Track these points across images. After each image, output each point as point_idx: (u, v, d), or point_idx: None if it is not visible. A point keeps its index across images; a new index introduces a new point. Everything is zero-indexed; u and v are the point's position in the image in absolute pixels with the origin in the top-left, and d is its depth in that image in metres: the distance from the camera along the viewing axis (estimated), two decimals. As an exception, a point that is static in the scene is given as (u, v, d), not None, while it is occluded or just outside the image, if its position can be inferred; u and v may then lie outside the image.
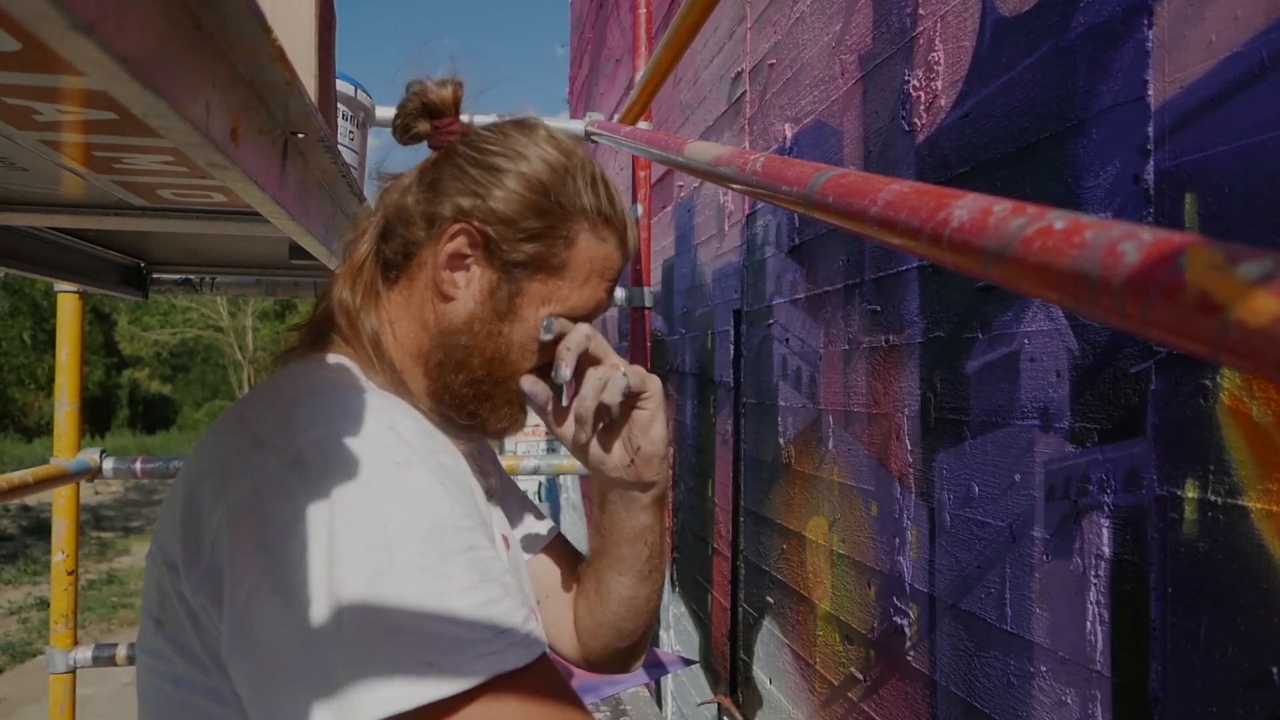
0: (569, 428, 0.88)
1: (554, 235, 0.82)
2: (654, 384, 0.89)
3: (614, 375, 0.85)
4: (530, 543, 1.02)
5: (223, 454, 0.69)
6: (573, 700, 0.66)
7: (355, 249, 0.86)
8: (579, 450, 0.90)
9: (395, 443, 0.67)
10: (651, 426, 0.89)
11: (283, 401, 0.70)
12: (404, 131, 0.88)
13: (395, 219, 0.85)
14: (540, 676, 0.64)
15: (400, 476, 0.65)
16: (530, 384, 0.85)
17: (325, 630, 0.59)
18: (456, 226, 0.81)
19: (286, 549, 0.61)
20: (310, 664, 0.59)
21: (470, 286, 0.82)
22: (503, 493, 0.99)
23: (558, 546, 1.04)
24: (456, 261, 0.82)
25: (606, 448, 0.90)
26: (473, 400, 0.84)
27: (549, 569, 1.02)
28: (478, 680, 0.59)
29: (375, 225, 0.86)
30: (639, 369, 0.89)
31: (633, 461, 0.89)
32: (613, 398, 0.85)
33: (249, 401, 0.75)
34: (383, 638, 0.59)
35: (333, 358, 0.80)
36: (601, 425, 0.90)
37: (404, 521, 0.63)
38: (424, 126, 0.87)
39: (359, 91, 1.54)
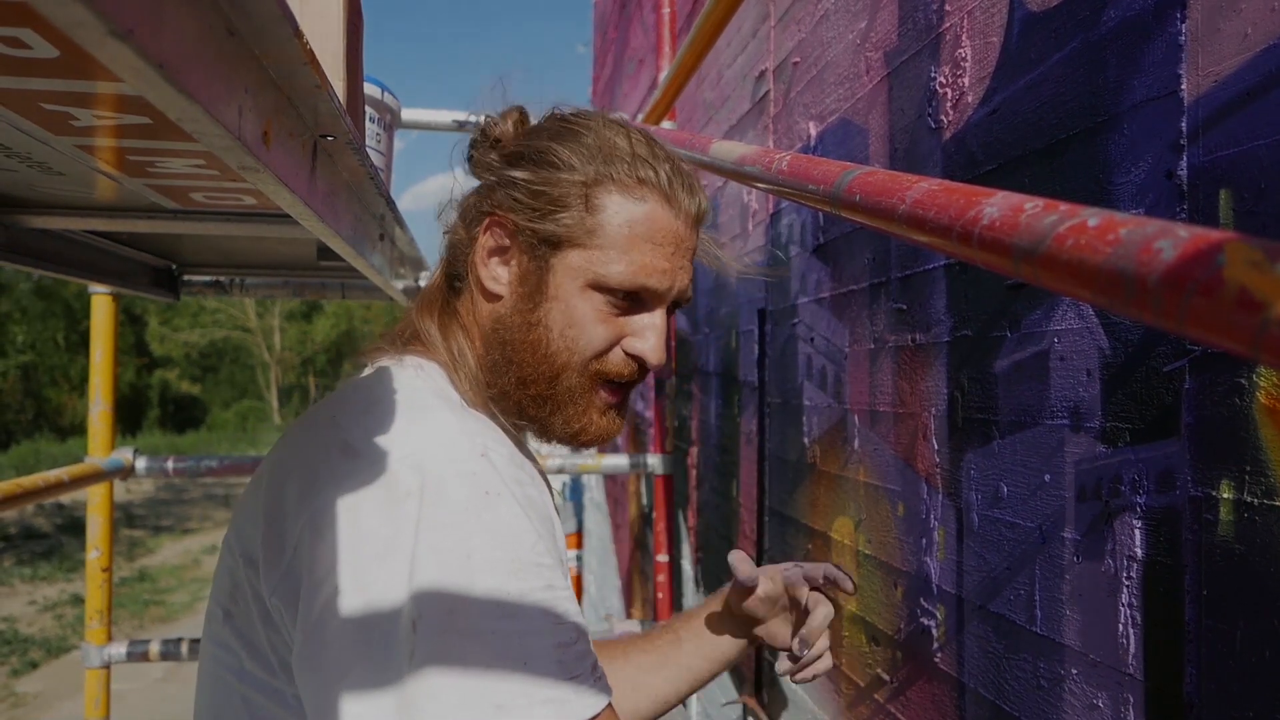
0: (774, 623, 1.02)
1: (572, 204, 0.76)
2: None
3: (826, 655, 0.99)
4: None
5: (312, 455, 0.68)
6: None
7: (433, 277, 0.88)
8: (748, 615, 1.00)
9: (487, 469, 0.65)
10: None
11: (377, 409, 0.69)
12: (478, 167, 0.87)
13: (452, 235, 0.85)
14: None
15: (489, 506, 0.63)
16: (737, 560, 0.96)
17: (397, 656, 0.58)
18: (487, 220, 0.80)
19: (366, 566, 0.61)
20: (378, 688, 0.58)
21: (511, 280, 0.80)
22: None
23: None
24: (497, 256, 0.80)
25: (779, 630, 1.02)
26: (531, 404, 0.80)
27: None
28: None
29: (447, 250, 0.87)
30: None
31: (791, 657, 0.99)
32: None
33: (342, 402, 0.74)
34: (453, 673, 0.58)
35: (425, 364, 0.79)
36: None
37: (487, 554, 0.62)
38: (494, 159, 0.85)
39: (385, 94, 1.55)
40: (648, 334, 0.79)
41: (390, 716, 0.58)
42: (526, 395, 0.79)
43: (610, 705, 0.65)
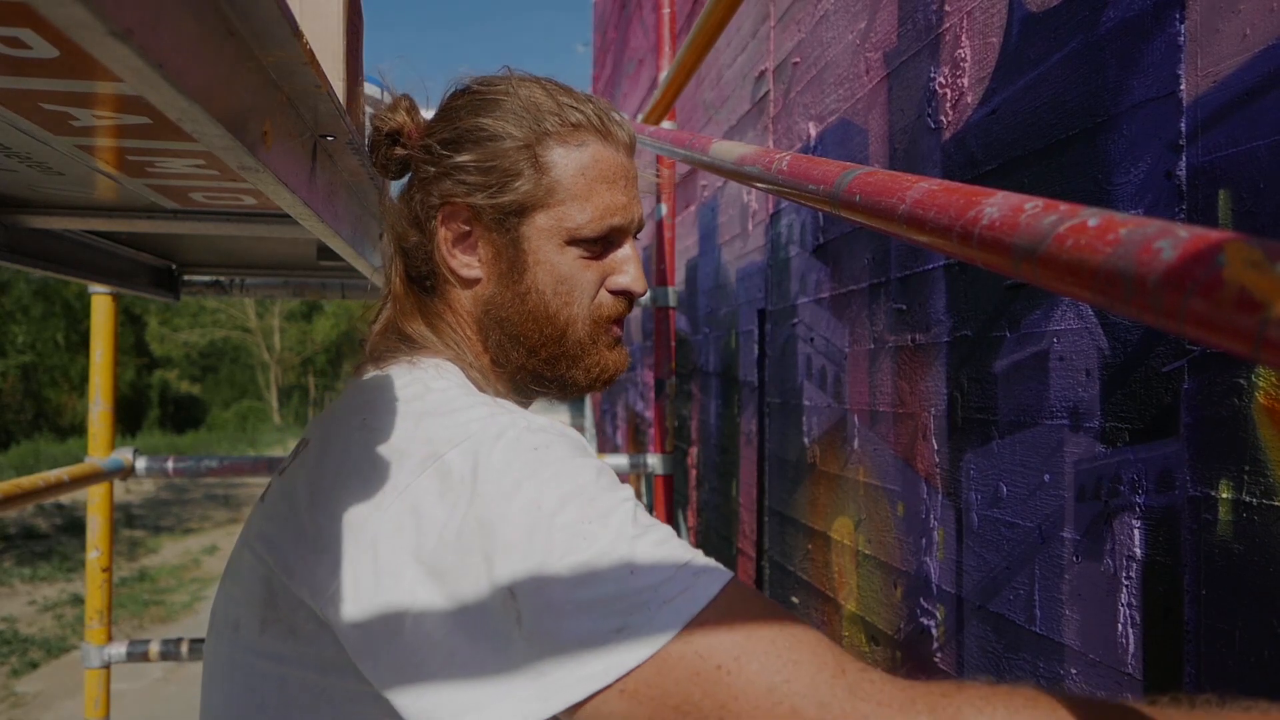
0: None
1: (523, 170, 0.79)
2: None
3: None
4: None
5: (356, 464, 0.68)
6: (781, 611, 0.61)
7: (391, 287, 0.85)
8: None
9: (528, 435, 0.67)
10: None
11: (412, 411, 0.70)
12: (386, 169, 0.86)
13: (400, 241, 0.84)
14: (737, 597, 0.60)
15: (540, 459, 0.64)
16: None
17: (505, 627, 0.59)
18: (441, 213, 0.80)
19: (440, 554, 0.61)
20: (495, 667, 0.58)
21: (485, 261, 0.81)
22: None
23: None
24: (462, 244, 0.81)
25: None
26: (546, 367, 0.83)
27: None
28: (672, 632, 0.57)
29: (395, 256, 0.85)
30: None
31: None
32: None
33: (369, 408, 0.73)
34: (566, 616, 0.58)
35: (440, 363, 0.79)
36: None
37: (555, 495, 0.62)
38: (401, 152, 0.85)
39: (385, 94, 1.55)
40: (627, 267, 0.83)
41: (522, 686, 0.57)
42: (539, 360, 0.82)
43: (735, 578, 0.62)
